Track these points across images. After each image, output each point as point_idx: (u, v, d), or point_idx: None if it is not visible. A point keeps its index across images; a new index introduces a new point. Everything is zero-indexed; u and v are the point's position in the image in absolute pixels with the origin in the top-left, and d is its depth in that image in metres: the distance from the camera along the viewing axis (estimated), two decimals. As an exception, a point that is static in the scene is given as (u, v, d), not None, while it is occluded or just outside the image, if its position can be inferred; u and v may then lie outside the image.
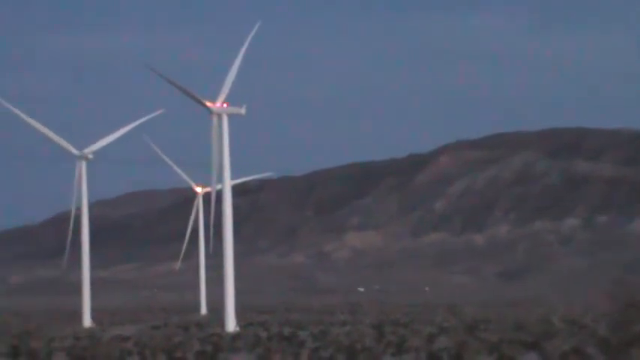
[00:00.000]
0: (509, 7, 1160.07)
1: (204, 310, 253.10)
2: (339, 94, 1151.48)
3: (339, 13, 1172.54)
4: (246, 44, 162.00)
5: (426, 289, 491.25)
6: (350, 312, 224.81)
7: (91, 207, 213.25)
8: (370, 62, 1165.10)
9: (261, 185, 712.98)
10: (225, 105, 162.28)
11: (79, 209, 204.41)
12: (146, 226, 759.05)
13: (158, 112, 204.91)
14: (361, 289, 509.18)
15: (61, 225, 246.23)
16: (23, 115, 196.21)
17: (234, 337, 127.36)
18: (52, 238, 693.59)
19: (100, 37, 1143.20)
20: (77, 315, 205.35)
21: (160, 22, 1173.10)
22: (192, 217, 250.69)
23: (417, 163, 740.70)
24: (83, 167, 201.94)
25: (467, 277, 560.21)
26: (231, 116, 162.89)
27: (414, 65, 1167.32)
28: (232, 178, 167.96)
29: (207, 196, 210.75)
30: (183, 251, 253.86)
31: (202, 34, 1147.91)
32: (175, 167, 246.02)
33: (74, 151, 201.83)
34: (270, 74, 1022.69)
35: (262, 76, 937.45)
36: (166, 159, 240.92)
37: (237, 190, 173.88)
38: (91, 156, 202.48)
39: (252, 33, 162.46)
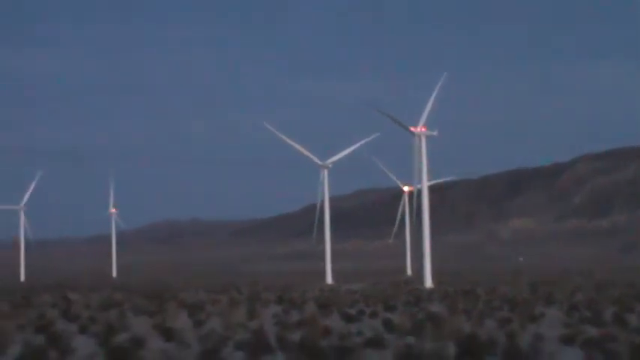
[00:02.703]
0: (622, 55, 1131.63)
1: (409, 272, 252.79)
2: (505, 117, 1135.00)
3: (506, 56, 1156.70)
4: (438, 86, 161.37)
5: (562, 260, 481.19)
6: (512, 275, 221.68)
7: (331, 200, 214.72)
8: (528, 94, 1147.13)
9: (448, 185, 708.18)
10: (423, 129, 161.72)
11: (322, 202, 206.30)
12: (368, 213, 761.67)
13: (376, 135, 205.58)
14: (521, 259, 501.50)
15: (311, 212, 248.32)
16: (284, 137, 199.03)
17: (431, 291, 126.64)
18: (305, 221, 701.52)
19: (337, 82, 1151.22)
20: (322, 275, 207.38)
21: (383, 72, 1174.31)
22: (400, 208, 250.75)
23: (559, 168, 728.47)
24: (325, 174, 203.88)
25: (596, 251, 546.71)
26: (427, 137, 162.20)
27: (561, 97, 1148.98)
28: (428, 180, 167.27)
29: (410, 193, 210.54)
30: (394, 231, 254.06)
31: (411, 80, 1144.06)
32: (389, 173, 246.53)
33: (318, 162, 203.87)
34: (458, 103, 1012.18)
35: (452, 104, 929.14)
36: (383, 167, 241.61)
37: (431, 189, 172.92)
38: (330, 165, 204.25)
39: (442, 81, 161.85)
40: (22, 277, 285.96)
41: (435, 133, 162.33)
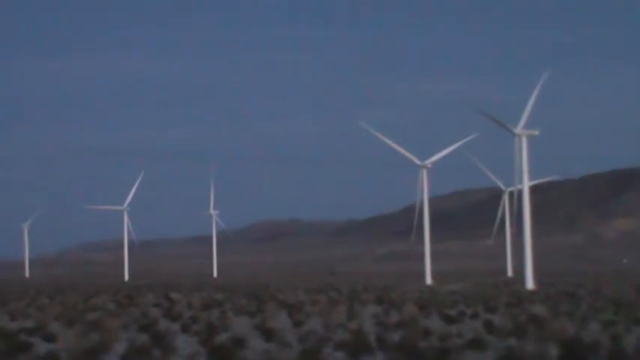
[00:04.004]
0: None
1: (510, 273, 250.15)
2: (609, 114, 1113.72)
3: (609, 53, 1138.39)
4: (538, 86, 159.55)
5: None
6: (616, 276, 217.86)
7: (430, 201, 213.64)
8: (631, 91, 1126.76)
9: (550, 185, 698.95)
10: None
11: (421, 202, 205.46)
12: (468, 214, 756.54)
13: (475, 135, 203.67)
14: (625, 261, 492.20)
15: (410, 213, 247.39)
16: (384, 137, 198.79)
17: (532, 292, 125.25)
18: (404, 221, 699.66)
19: (434, 82, 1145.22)
20: (421, 276, 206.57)
21: (478, 72, 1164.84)
22: (500, 208, 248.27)
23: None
24: (424, 173, 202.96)
25: None
26: (528, 137, 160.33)
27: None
28: (529, 180, 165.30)
29: (511, 193, 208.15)
30: (494, 231, 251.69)
31: (507, 81, 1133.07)
32: (489, 173, 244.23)
33: (418, 162, 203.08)
34: (560, 101, 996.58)
35: (554, 103, 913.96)
36: (483, 167, 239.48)
37: (532, 189, 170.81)
38: (429, 165, 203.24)
39: (542, 80, 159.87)
40: (126, 277, 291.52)
41: (536, 132, 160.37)
